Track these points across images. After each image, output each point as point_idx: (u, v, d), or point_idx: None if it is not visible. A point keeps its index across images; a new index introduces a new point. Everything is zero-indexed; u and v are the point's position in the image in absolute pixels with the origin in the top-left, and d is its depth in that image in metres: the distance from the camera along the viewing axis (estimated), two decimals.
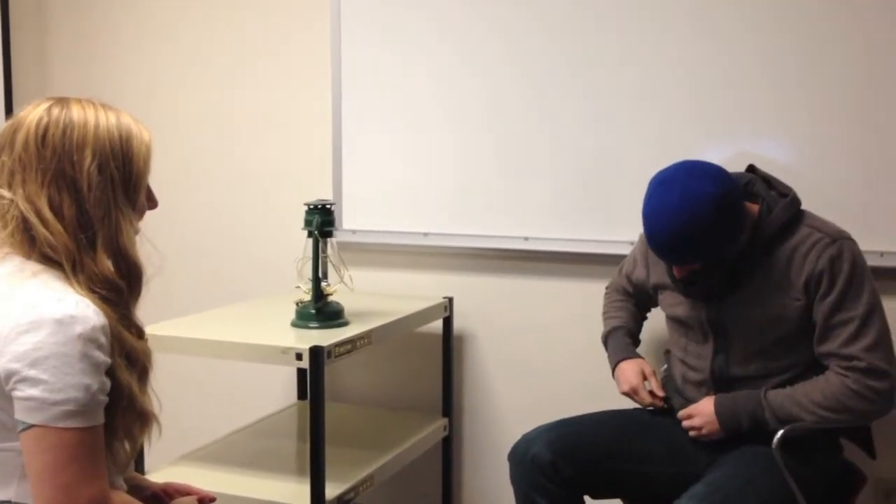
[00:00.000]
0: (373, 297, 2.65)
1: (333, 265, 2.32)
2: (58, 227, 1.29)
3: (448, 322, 2.67)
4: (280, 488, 2.17)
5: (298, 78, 2.88)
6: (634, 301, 2.27)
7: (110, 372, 1.29)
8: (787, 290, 1.87)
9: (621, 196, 2.49)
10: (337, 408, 2.82)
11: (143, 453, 2.14)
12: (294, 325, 2.27)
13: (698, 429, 1.94)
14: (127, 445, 1.39)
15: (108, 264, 1.32)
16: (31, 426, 1.23)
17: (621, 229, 2.48)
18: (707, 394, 1.97)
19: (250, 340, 2.11)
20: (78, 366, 1.23)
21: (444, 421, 2.69)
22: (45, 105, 1.34)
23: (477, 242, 2.67)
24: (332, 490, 2.09)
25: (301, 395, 2.91)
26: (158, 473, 2.15)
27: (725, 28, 2.35)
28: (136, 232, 1.40)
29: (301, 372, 2.89)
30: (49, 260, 1.31)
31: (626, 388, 2.09)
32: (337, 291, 2.30)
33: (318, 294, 2.26)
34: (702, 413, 1.94)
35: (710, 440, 1.93)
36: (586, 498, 2.02)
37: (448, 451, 2.73)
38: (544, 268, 2.64)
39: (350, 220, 2.79)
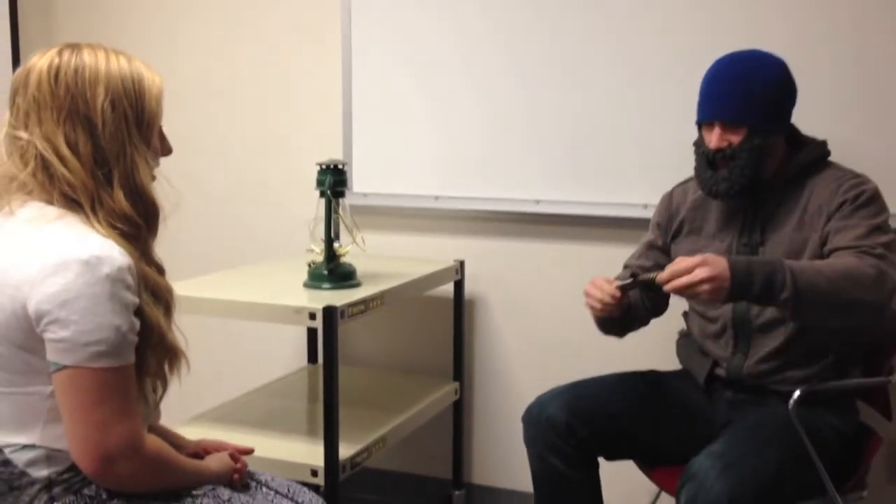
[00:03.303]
0: (384, 259, 2.64)
1: (346, 226, 2.30)
2: (75, 163, 1.31)
3: (459, 285, 2.66)
4: (294, 449, 2.18)
5: (308, 36, 2.84)
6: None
7: (138, 310, 1.31)
8: (809, 225, 1.88)
9: (633, 158, 2.47)
10: (348, 371, 2.81)
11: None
12: (306, 285, 2.26)
13: (703, 282, 1.65)
14: (158, 383, 1.41)
15: (125, 201, 1.34)
16: (64, 367, 1.25)
17: (633, 191, 2.47)
18: (728, 344, 1.96)
19: (263, 300, 2.10)
20: (107, 306, 1.25)
21: (455, 384, 2.69)
22: (55, 49, 1.36)
23: (488, 205, 2.65)
24: (345, 451, 2.10)
25: (311, 358, 2.90)
26: None
27: None
28: (153, 173, 1.41)
29: (311, 335, 2.89)
30: (69, 202, 1.32)
31: (588, 286, 1.89)
32: (349, 253, 2.29)
33: (331, 255, 2.25)
34: (712, 263, 1.66)
35: (710, 300, 1.73)
36: (600, 459, 2.02)
37: (459, 415, 2.73)
38: (555, 231, 2.63)
39: (361, 184, 2.77)
